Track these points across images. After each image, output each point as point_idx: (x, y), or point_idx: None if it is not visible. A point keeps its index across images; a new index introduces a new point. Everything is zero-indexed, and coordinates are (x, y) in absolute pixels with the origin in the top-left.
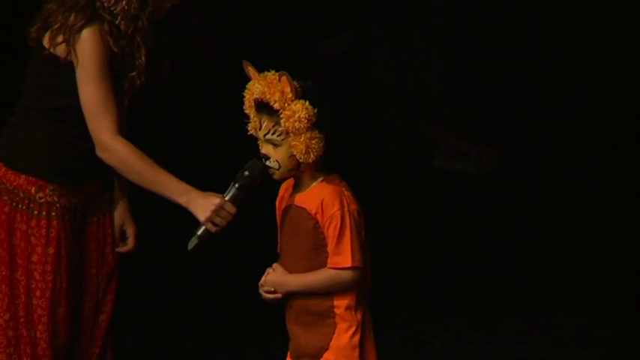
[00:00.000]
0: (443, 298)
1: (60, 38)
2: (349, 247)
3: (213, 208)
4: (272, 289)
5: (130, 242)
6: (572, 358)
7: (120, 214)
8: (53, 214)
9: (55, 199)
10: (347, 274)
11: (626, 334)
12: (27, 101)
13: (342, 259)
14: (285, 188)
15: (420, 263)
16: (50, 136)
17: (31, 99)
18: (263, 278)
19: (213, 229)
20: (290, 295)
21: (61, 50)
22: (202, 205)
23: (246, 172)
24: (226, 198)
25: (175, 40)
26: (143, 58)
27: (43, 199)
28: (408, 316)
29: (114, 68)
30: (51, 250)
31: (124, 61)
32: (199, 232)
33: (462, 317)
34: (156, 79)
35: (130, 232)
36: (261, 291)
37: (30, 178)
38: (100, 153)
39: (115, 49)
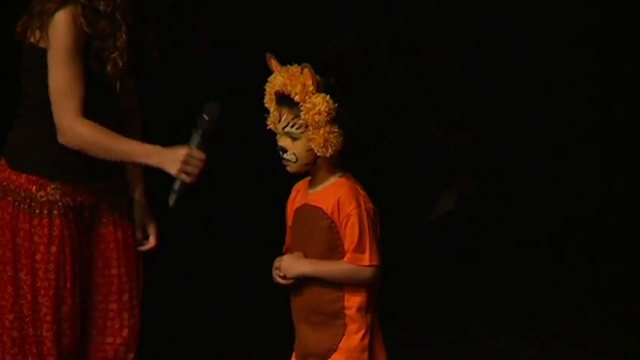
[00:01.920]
0: (443, 298)
1: (36, 25)
2: (367, 244)
3: (182, 159)
4: (283, 275)
5: (152, 240)
6: (572, 358)
7: (139, 212)
8: (55, 212)
9: (57, 197)
10: (365, 272)
11: (626, 334)
12: (25, 99)
13: (360, 256)
14: (297, 189)
15: (420, 263)
16: (48, 132)
17: (27, 96)
18: (278, 261)
19: (187, 179)
20: (299, 295)
21: (37, 38)
22: (172, 159)
23: (206, 117)
24: (192, 146)
25: (163, 21)
26: (124, 37)
27: (45, 198)
28: (408, 316)
29: (94, 50)
30: (53, 249)
31: (106, 42)
32: (176, 187)
33: (463, 317)
34: (146, 63)
35: (151, 229)
36: (274, 273)
37: (30, 176)
38: (60, 139)
39: (89, 31)
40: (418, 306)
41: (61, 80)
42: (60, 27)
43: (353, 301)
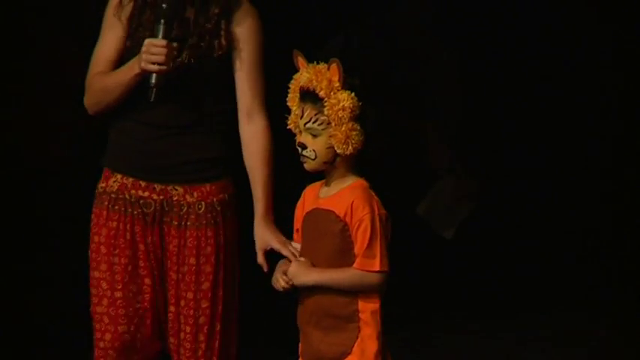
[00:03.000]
0: (443, 299)
1: None
2: (378, 250)
3: (144, 51)
4: (288, 280)
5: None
6: (572, 359)
7: (260, 236)
8: (105, 203)
9: (115, 189)
10: (373, 278)
11: (626, 335)
12: None
13: (370, 262)
14: (308, 193)
15: (420, 264)
16: (114, 125)
17: None
18: (285, 265)
19: (154, 68)
20: (311, 298)
21: None
22: (138, 57)
23: (164, 5)
24: (159, 37)
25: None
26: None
27: (103, 189)
28: (408, 316)
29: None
30: (95, 238)
31: (137, 20)
32: (151, 80)
33: (462, 318)
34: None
35: (284, 252)
36: (278, 276)
37: (104, 168)
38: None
39: (126, 5)
40: (418, 306)
41: (95, 48)
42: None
43: (367, 305)
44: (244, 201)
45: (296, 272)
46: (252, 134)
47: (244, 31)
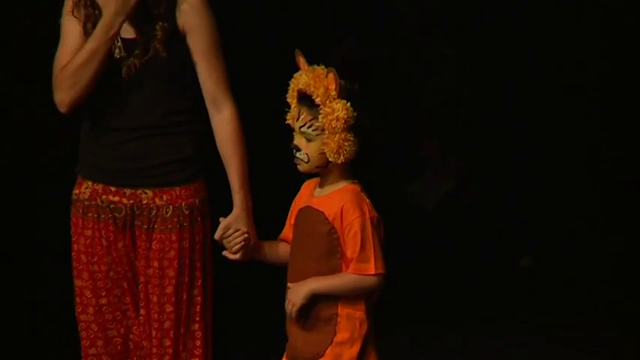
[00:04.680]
0: (446, 300)
1: None
2: (372, 253)
3: None
4: (292, 307)
5: None
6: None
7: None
8: (80, 211)
9: (87, 196)
10: (370, 281)
11: (627, 336)
12: None
13: (365, 266)
14: (306, 187)
15: (422, 265)
16: (84, 131)
17: None
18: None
19: None
20: None
21: None
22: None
23: None
24: None
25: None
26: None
27: (76, 197)
28: (410, 318)
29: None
30: (75, 247)
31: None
32: None
33: (465, 319)
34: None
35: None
36: (286, 306)
37: (78, 176)
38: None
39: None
40: (420, 308)
41: (57, 50)
42: None
43: (347, 310)
44: (222, 202)
45: (294, 292)
46: (220, 123)
47: (191, 20)
